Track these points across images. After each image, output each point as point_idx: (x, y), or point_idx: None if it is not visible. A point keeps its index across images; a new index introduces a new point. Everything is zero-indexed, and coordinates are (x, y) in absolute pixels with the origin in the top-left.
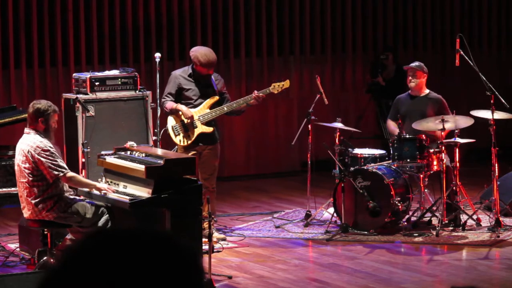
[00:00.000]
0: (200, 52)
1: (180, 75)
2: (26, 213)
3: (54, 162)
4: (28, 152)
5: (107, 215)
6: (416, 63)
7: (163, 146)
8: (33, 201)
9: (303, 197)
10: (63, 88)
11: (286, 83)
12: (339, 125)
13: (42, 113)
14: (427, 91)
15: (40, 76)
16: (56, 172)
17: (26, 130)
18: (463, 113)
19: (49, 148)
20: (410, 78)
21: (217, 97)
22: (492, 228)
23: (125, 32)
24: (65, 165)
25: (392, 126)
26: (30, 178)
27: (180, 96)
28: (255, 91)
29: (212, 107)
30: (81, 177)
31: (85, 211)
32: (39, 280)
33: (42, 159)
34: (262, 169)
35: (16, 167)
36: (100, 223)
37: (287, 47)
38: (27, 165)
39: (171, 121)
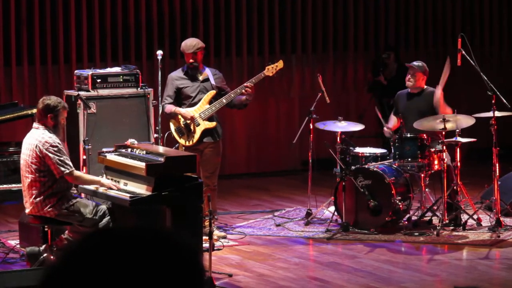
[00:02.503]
0: (184, 41)
1: (176, 76)
2: (28, 208)
3: (61, 159)
4: (36, 147)
5: (109, 216)
6: (419, 63)
7: (165, 146)
8: (36, 197)
9: (304, 196)
10: (65, 85)
11: (280, 64)
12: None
13: (52, 109)
14: (424, 87)
15: (42, 73)
16: (63, 169)
17: (35, 125)
18: (464, 113)
19: (58, 145)
20: (409, 77)
21: (214, 92)
22: (492, 228)
23: (127, 29)
24: (71, 164)
25: (393, 120)
26: (37, 174)
27: (180, 95)
28: (247, 82)
29: (211, 102)
30: (86, 176)
31: (87, 211)
32: (40, 278)
33: (50, 154)
34: (263, 168)
35: (22, 161)
36: (102, 224)
37: (289, 46)
38: (34, 160)
39: (172, 125)
